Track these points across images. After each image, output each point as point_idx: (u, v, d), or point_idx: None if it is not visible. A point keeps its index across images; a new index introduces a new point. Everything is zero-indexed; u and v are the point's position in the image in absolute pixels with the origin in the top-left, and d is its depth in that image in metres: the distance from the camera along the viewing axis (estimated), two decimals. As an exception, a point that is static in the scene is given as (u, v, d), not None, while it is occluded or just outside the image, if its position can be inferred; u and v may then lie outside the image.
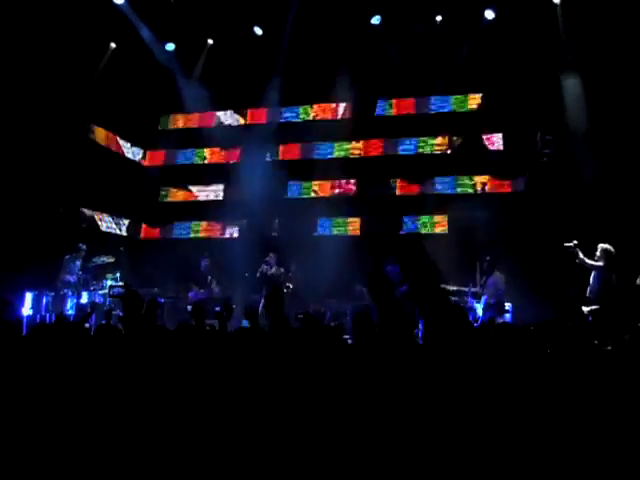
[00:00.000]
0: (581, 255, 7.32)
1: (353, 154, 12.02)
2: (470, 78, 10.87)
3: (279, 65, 11.43)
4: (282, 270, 9.59)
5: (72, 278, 8.94)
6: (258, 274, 9.56)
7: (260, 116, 12.62)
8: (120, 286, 8.59)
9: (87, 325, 7.25)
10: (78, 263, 9.07)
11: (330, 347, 3.23)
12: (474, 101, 11.40)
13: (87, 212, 11.32)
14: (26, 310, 8.48)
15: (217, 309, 6.17)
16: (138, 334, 3.20)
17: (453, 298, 8.65)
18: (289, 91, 11.74)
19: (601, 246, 7.32)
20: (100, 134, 11.75)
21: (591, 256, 7.34)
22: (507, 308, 8.46)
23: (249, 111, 12.67)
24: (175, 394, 2.76)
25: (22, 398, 2.70)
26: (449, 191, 11.30)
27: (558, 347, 3.80)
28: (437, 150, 11.55)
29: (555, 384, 2.92)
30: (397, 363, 2.94)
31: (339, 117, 12.14)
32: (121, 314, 6.75)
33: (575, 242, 7.38)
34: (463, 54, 10.47)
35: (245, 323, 5.69)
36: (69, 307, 8.83)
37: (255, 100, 12.14)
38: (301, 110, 12.40)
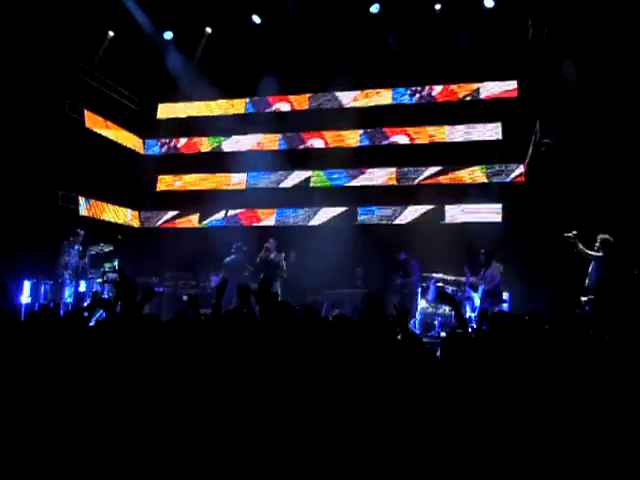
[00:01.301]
0: (580, 245, 7.28)
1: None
2: (468, 67, 10.81)
3: (277, 53, 11.35)
4: (282, 255, 9.52)
5: (71, 262, 8.89)
6: (258, 260, 9.47)
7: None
8: (113, 272, 8.52)
9: (86, 314, 7.21)
10: (77, 247, 8.99)
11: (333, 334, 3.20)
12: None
13: (85, 199, 11.31)
14: (24, 298, 8.46)
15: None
16: (128, 320, 3.20)
17: (450, 288, 8.66)
18: (287, 79, 11.71)
19: (601, 236, 7.28)
20: (98, 122, 11.70)
21: (591, 246, 7.31)
22: (505, 298, 8.47)
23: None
24: (165, 379, 2.75)
25: (20, 386, 2.68)
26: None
27: (552, 336, 3.80)
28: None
29: (549, 373, 2.91)
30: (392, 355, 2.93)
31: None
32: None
33: (574, 232, 7.35)
34: (462, 43, 10.38)
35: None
36: (67, 295, 8.81)
37: (253, 88, 12.11)
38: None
